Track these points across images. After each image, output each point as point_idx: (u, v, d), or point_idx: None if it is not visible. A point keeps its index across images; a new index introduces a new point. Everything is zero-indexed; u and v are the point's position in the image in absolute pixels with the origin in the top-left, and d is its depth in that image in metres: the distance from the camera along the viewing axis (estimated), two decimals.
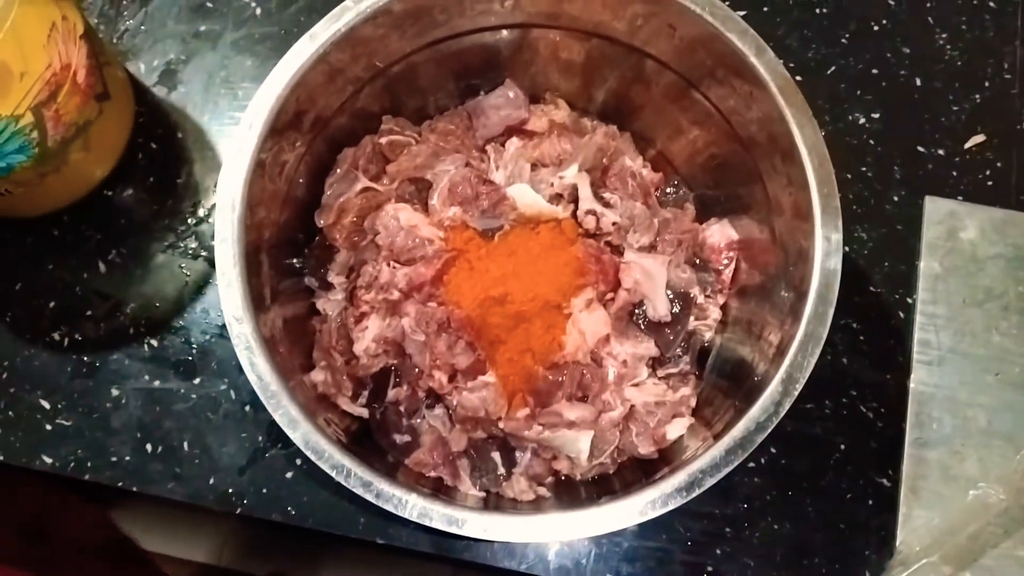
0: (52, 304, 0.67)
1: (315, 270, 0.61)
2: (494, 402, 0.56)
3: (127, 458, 0.64)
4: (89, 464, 0.64)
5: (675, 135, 0.65)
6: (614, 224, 0.60)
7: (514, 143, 0.63)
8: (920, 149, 0.72)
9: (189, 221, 0.69)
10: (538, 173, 0.62)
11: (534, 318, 0.57)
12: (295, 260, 0.61)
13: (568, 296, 0.58)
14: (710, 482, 0.47)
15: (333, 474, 0.46)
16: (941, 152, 0.71)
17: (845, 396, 0.66)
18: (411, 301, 0.58)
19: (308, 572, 1.38)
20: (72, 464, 0.64)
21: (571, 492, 0.58)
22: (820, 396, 0.65)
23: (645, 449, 0.58)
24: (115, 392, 0.65)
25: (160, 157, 0.70)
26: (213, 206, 0.69)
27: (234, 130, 0.52)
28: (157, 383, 0.65)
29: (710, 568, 0.62)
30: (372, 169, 0.62)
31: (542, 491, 0.58)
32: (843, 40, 0.74)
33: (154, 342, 0.66)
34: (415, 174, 0.61)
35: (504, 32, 0.60)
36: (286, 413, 0.47)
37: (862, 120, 0.72)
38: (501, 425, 0.57)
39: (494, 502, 0.57)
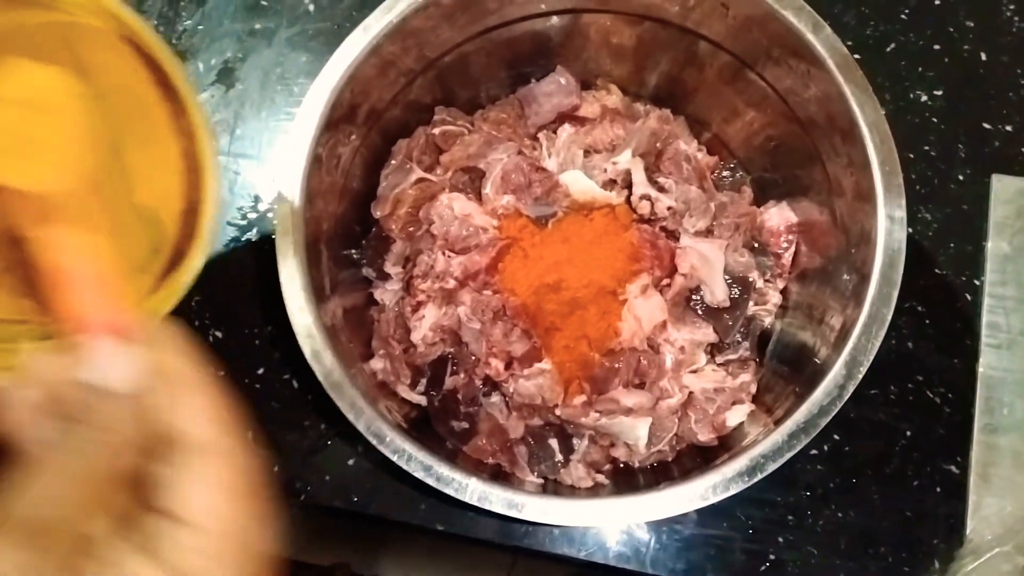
0: None
1: (372, 261, 0.62)
2: (550, 389, 0.56)
3: None
4: None
5: (730, 117, 0.64)
6: (669, 209, 0.59)
7: (566, 130, 0.63)
8: (986, 126, 0.69)
9: (250, 216, 0.70)
10: (591, 159, 0.62)
11: (589, 305, 0.57)
12: (353, 251, 0.62)
13: (623, 282, 0.57)
14: (772, 466, 0.46)
15: (395, 459, 0.47)
16: (1009, 128, 0.69)
17: (911, 381, 0.64)
18: (466, 289, 0.58)
19: (370, 563, 1.40)
20: None
21: (629, 479, 0.58)
22: (885, 381, 0.64)
23: (704, 436, 0.57)
24: None
25: (220, 154, 0.72)
26: (273, 200, 0.70)
27: (291, 125, 0.53)
28: (222, 373, 0.66)
29: (772, 557, 0.61)
30: (426, 160, 0.63)
31: (600, 478, 0.58)
32: (903, 15, 0.72)
33: (219, 333, 0.67)
34: (468, 163, 0.62)
35: (554, 18, 0.60)
36: (349, 400, 0.48)
37: (924, 98, 0.70)
38: (558, 412, 0.57)
39: (552, 488, 0.57)
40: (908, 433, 0.63)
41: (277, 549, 0.28)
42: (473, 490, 0.46)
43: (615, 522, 0.56)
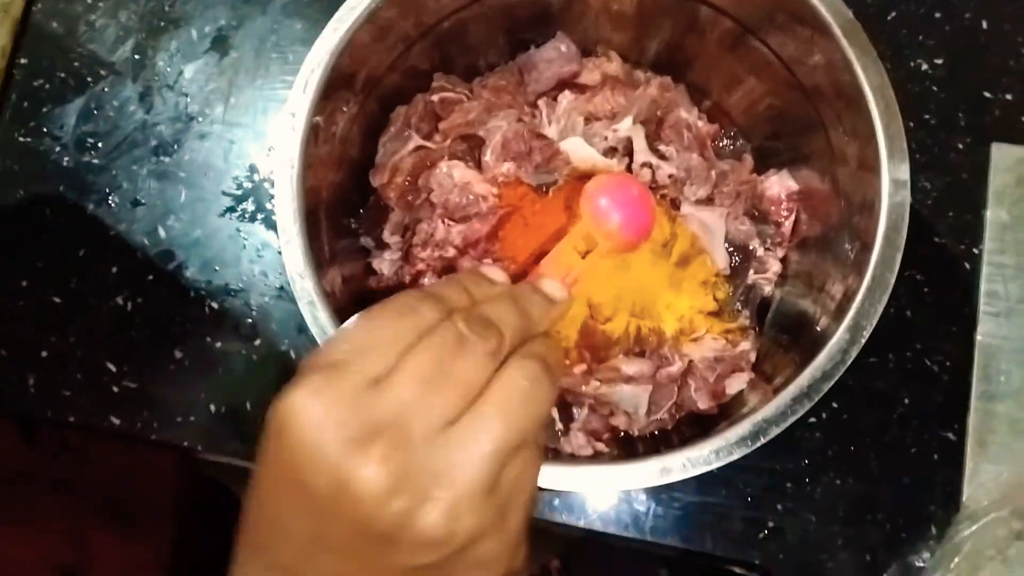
0: (114, 269, 0.68)
1: (371, 230, 0.61)
2: None
3: (192, 418, 0.65)
4: (155, 424, 0.65)
5: (731, 85, 0.63)
6: (670, 176, 0.59)
7: (567, 97, 0.62)
8: (986, 95, 0.69)
9: (246, 186, 0.69)
10: (591, 127, 0.61)
11: None
12: (351, 220, 0.61)
13: None
14: (775, 431, 0.46)
15: None
16: (1009, 97, 0.69)
17: (909, 350, 0.64)
18: (467, 258, 0.58)
19: None
20: (139, 425, 0.65)
21: (629, 448, 0.58)
22: (883, 350, 0.64)
23: (704, 404, 0.57)
24: (178, 354, 0.66)
25: (214, 123, 0.71)
26: (270, 171, 0.69)
27: (286, 94, 0.52)
28: (219, 345, 0.66)
29: (771, 524, 0.62)
30: (424, 127, 0.62)
31: (600, 446, 0.58)
32: None
33: (215, 305, 0.67)
34: (467, 131, 0.61)
35: None
36: None
37: (924, 66, 0.70)
38: None
39: (552, 457, 0.57)
40: (906, 401, 0.63)
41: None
42: None
43: (617, 487, 0.56)
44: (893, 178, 0.48)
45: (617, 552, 0.84)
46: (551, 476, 0.47)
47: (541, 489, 0.58)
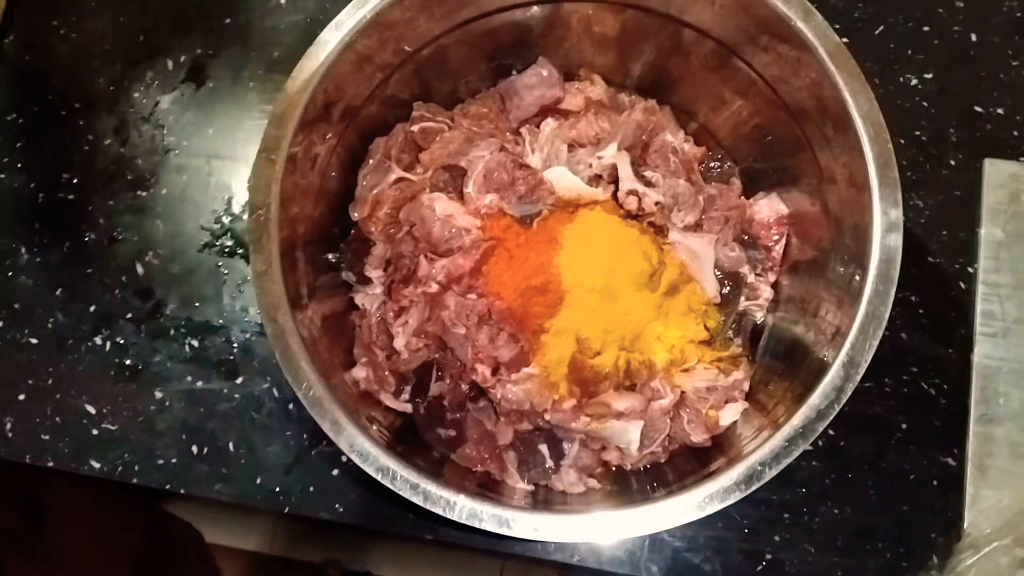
0: (92, 308, 0.67)
1: (352, 264, 0.60)
2: (539, 394, 0.55)
3: (173, 460, 0.64)
4: (136, 468, 0.64)
5: (717, 107, 0.62)
6: (657, 204, 0.58)
7: (549, 124, 0.61)
8: (977, 109, 0.68)
9: (224, 219, 0.68)
10: (575, 154, 0.60)
11: None
12: (331, 255, 0.60)
13: None
14: (770, 474, 0.45)
15: (379, 477, 0.45)
16: (1000, 111, 0.68)
17: (905, 373, 0.63)
18: (450, 293, 0.56)
19: (361, 559, 1.39)
20: (120, 468, 0.64)
21: (622, 483, 0.57)
22: (879, 374, 0.62)
23: (698, 437, 0.56)
24: (159, 395, 0.65)
25: (191, 155, 0.69)
26: (247, 202, 0.68)
27: (264, 123, 0.51)
28: (200, 384, 0.65)
29: (769, 556, 0.60)
30: (405, 158, 0.61)
31: (592, 483, 0.56)
32: None
33: (195, 343, 0.65)
34: (449, 161, 0.60)
35: (535, 8, 0.58)
36: (330, 418, 0.46)
37: (914, 81, 0.69)
38: (547, 417, 0.55)
39: (543, 495, 0.56)
40: (904, 426, 0.62)
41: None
42: (462, 508, 0.45)
43: (611, 538, 0.54)
44: (884, 211, 0.46)
45: None
46: (544, 526, 0.45)
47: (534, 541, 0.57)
